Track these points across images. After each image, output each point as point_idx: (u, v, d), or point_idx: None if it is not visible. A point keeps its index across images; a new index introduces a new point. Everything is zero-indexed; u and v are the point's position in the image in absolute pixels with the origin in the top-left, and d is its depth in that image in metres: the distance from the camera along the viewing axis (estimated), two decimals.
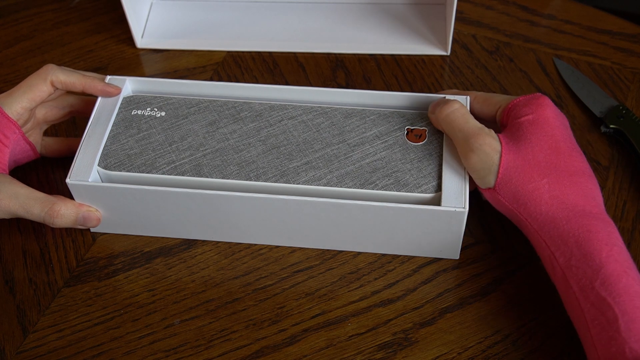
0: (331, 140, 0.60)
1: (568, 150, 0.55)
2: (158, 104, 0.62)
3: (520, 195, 0.53)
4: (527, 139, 0.54)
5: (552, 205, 0.52)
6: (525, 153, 0.54)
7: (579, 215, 0.52)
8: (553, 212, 0.52)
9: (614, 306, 0.47)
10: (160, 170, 0.58)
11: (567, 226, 0.51)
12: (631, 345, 0.46)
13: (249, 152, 0.59)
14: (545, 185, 0.53)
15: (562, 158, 0.54)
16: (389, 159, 0.58)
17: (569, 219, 0.52)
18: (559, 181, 0.53)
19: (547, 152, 0.54)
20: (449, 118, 0.56)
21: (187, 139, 0.60)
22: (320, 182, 0.57)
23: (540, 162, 0.53)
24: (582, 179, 0.54)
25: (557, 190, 0.53)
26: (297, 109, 0.62)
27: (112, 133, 0.60)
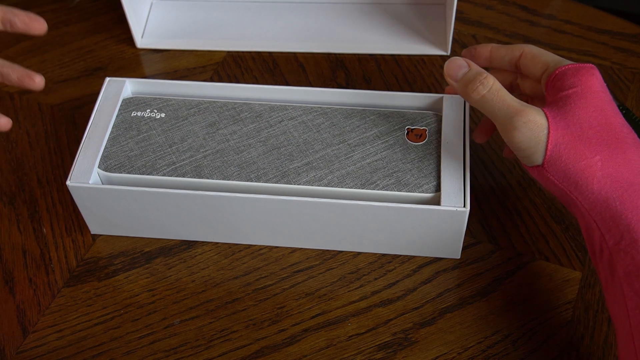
0: (332, 141, 0.60)
1: (619, 126, 0.51)
2: (158, 105, 0.62)
3: (571, 174, 0.50)
4: (576, 114, 0.51)
5: (605, 184, 0.49)
6: (575, 129, 0.50)
7: (633, 196, 0.48)
8: (606, 192, 0.49)
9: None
10: (160, 171, 0.58)
11: (620, 207, 0.48)
12: None
13: (250, 153, 0.59)
14: (597, 163, 0.49)
15: (614, 134, 0.50)
16: (389, 159, 0.58)
17: (623, 199, 0.48)
18: (611, 158, 0.49)
19: (597, 127, 0.50)
20: (485, 99, 0.52)
21: (187, 140, 0.60)
22: (321, 183, 0.57)
23: (591, 138, 0.50)
24: (635, 156, 0.50)
25: (611, 168, 0.49)
26: (297, 110, 0.62)
27: (112, 135, 0.60)
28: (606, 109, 0.51)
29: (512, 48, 0.57)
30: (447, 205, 0.55)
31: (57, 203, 0.65)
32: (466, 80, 0.54)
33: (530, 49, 0.56)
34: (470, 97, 0.53)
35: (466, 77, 0.54)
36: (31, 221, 0.64)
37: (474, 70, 0.54)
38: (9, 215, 0.64)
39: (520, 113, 0.51)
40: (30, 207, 0.65)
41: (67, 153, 0.69)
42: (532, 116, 0.50)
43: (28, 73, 0.56)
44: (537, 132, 0.50)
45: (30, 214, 0.65)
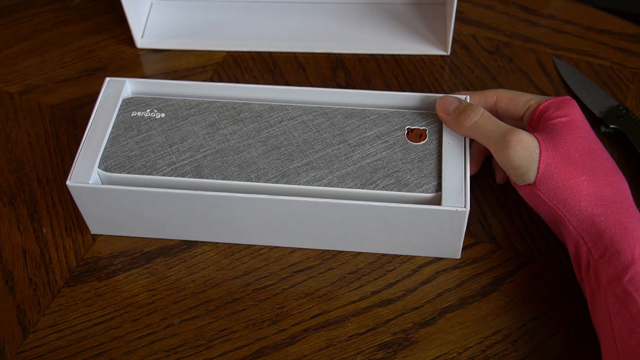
0: (331, 141, 0.60)
1: (600, 151, 0.56)
2: (158, 105, 0.62)
3: (560, 192, 0.54)
4: (563, 139, 0.55)
5: (591, 202, 0.53)
6: (562, 151, 0.54)
7: (615, 212, 0.52)
8: (592, 209, 0.53)
9: (639, 301, 0.48)
10: (160, 171, 0.58)
11: (604, 223, 0.52)
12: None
13: (250, 153, 0.59)
14: (584, 183, 0.53)
15: (596, 158, 0.55)
16: (389, 159, 0.58)
17: (607, 215, 0.52)
18: (595, 179, 0.54)
19: (582, 152, 0.55)
20: (478, 124, 0.56)
21: (187, 140, 0.60)
22: (321, 183, 0.57)
23: (577, 160, 0.54)
24: (615, 178, 0.55)
25: (595, 187, 0.53)
26: (297, 110, 0.62)
27: (112, 135, 0.60)
28: (588, 137, 0.56)
29: (485, 95, 0.61)
30: (447, 205, 0.55)
31: (57, 203, 0.65)
32: (458, 111, 0.58)
33: (504, 93, 0.60)
34: (463, 124, 0.57)
35: (458, 108, 0.58)
36: (31, 221, 0.64)
37: (465, 103, 0.58)
38: (9, 215, 0.64)
39: (513, 132, 0.54)
40: (30, 207, 0.65)
41: (67, 153, 0.69)
42: (525, 136, 0.54)
43: None
44: (530, 151, 0.54)
45: (30, 214, 0.65)
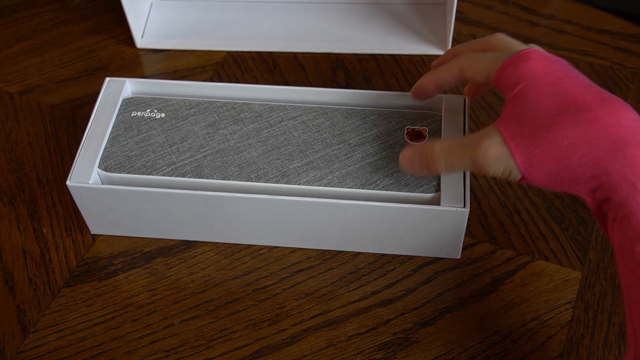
0: (332, 141, 0.60)
1: (579, 95, 0.47)
2: (158, 105, 0.62)
3: (551, 171, 0.47)
4: (529, 112, 0.48)
5: (586, 165, 0.46)
6: (531, 131, 0.47)
7: (616, 167, 0.44)
8: (590, 172, 0.46)
9: None
10: (160, 171, 0.58)
11: (608, 185, 0.45)
12: None
13: (250, 153, 0.59)
14: (569, 148, 0.46)
15: (574, 106, 0.47)
16: (389, 159, 0.58)
17: (609, 174, 0.45)
18: (582, 132, 0.46)
19: (555, 112, 0.47)
20: (448, 167, 0.52)
21: (187, 140, 0.60)
22: (321, 183, 0.57)
23: (552, 126, 0.47)
24: (604, 113, 0.46)
25: (584, 145, 0.46)
26: (297, 110, 0.62)
27: (112, 135, 0.60)
28: (556, 89, 0.48)
29: (449, 69, 0.55)
30: (447, 205, 0.55)
31: (57, 203, 0.65)
32: (425, 165, 0.53)
33: (466, 61, 0.54)
34: (439, 172, 0.53)
35: (422, 163, 0.53)
36: (31, 221, 0.64)
37: (419, 157, 0.53)
38: (9, 215, 0.64)
39: (476, 151, 0.49)
40: (30, 207, 0.65)
41: (67, 153, 0.69)
42: (487, 145, 0.49)
43: None
44: (501, 156, 0.48)
45: (30, 214, 0.65)
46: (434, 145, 0.52)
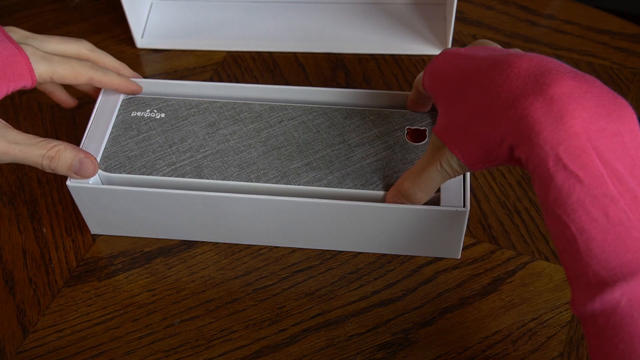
0: (331, 141, 0.60)
1: (475, 72, 0.47)
2: (157, 105, 0.62)
3: (480, 154, 0.47)
4: (445, 107, 0.49)
5: (493, 134, 0.45)
6: (453, 122, 0.48)
7: (523, 124, 0.43)
8: (499, 137, 0.44)
9: (570, 224, 0.41)
10: (160, 172, 0.58)
11: (513, 141, 0.43)
12: (594, 268, 0.40)
13: (250, 153, 0.59)
14: (476, 124, 0.46)
15: (473, 82, 0.47)
16: (389, 159, 0.58)
17: (517, 131, 0.43)
18: (480, 103, 0.46)
19: (461, 98, 0.48)
20: (417, 199, 0.54)
21: (187, 141, 0.60)
22: (321, 183, 0.57)
23: (462, 111, 0.47)
24: (495, 75, 0.45)
25: (484, 114, 0.45)
26: (297, 110, 0.62)
27: (112, 135, 0.60)
28: (459, 73, 0.49)
29: (414, 84, 0.58)
30: (447, 205, 0.55)
31: (57, 203, 0.65)
32: (409, 204, 0.55)
33: (415, 80, 0.58)
34: (422, 202, 0.54)
35: (406, 203, 0.55)
36: (31, 221, 0.64)
37: (399, 198, 0.55)
38: (9, 215, 0.65)
39: (434, 165, 0.50)
40: (30, 207, 0.65)
41: None
42: (436, 155, 0.50)
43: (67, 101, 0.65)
44: (448, 157, 0.49)
45: (30, 214, 0.65)
46: (403, 182, 0.54)
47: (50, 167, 0.55)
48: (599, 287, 0.39)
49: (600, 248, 0.40)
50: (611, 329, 0.39)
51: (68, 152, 0.55)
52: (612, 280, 0.39)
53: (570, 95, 0.42)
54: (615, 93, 0.44)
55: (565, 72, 0.44)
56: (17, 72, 0.55)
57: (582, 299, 0.40)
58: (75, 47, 0.61)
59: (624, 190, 0.40)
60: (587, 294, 0.40)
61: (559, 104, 0.42)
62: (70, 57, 0.60)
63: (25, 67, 0.56)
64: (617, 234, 0.39)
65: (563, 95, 0.42)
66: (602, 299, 0.39)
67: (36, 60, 0.56)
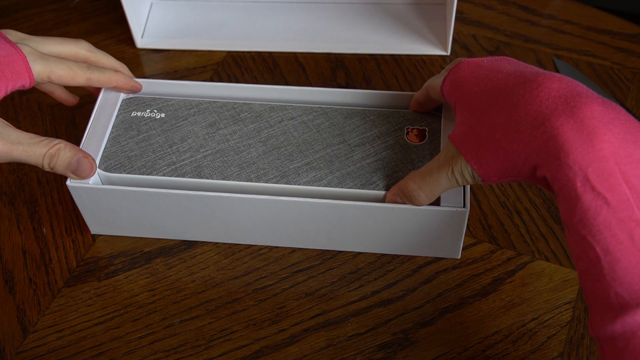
0: (332, 141, 0.60)
1: (501, 87, 0.48)
2: (157, 105, 0.62)
3: (500, 169, 0.47)
4: (468, 118, 0.49)
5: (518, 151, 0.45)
6: (476, 134, 0.48)
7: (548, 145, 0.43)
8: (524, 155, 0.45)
9: (595, 245, 0.41)
10: (160, 172, 0.58)
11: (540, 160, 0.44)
12: (616, 290, 0.40)
13: (250, 153, 0.59)
14: (501, 140, 0.46)
15: (501, 99, 0.47)
16: (389, 159, 0.58)
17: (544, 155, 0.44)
18: (508, 119, 0.46)
19: (488, 111, 0.48)
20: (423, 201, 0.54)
21: (187, 141, 0.60)
22: (321, 183, 0.57)
23: (487, 125, 0.48)
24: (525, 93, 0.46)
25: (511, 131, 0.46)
26: (297, 110, 0.62)
27: (112, 135, 0.60)
28: (484, 87, 0.49)
29: (423, 86, 0.59)
30: (447, 205, 0.55)
31: (57, 203, 0.65)
32: (409, 204, 0.55)
33: (430, 82, 0.57)
34: (422, 204, 0.54)
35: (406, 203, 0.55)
36: (31, 221, 0.64)
37: (400, 197, 0.55)
38: (9, 215, 0.65)
39: (443, 171, 0.51)
40: (30, 207, 0.65)
41: None
42: (449, 163, 0.50)
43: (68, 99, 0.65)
44: (462, 166, 0.49)
45: (30, 214, 0.65)
46: (408, 182, 0.54)
47: (50, 165, 0.55)
48: (620, 309, 0.39)
49: (624, 270, 0.40)
50: (630, 352, 0.39)
51: (67, 151, 0.55)
52: (635, 303, 0.39)
53: (600, 120, 0.43)
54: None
55: (594, 97, 0.45)
56: (15, 72, 0.55)
57: (602, 321, 0.40)
58: (73, 48, 0.61)
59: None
60: (608, 315, 0.40)
61: (589, 127, 0.42)
62: (68, 57, 0.60)
63: (23, 66, 0.55)
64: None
65: (594, 119, 0.43)
66: (623, 321, 0.39)
67: (33, 60, 0.56)
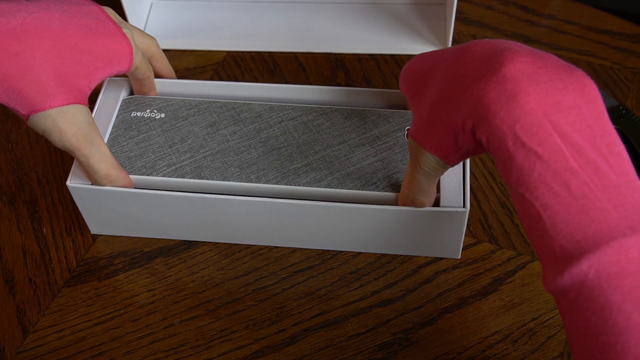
0: (332, 142, 0.60)
1: (435, 65, 0.48)
2: (157, 105, 0.62)
3: (451, 147, 0.46)
4: (415, 106, 0.50)
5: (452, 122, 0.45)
6: (421, 120, 0.48)
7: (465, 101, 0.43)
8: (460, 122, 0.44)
9: (534, 202, 0.40)
10: (160, 172, 0.58)
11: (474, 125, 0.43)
12: (560, 242, 0.39)
13: (250, 153, 0.59)
14: (440, 115, 0.46)
15: (433, 76, 0.48)
16: (389, 160, 0.58)
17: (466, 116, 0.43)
18: (440, 93, 0.46)
19: (424, 94, 0.48)
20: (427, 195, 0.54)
21: (187, 141, 0.60)
22: (321, 184, 0.57)
23: (424, 106, 0.48)
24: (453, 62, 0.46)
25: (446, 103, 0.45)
26: (297, 110, 0.62)
27: (112, 135, 0.60)
28: (413, 72, 0.50)
29: None
30: (446, 206, 0.55)
31: (57, 203, 0.65)
32: (418, 206, 0.55)
33: None
34: (426, 204, 0.54)
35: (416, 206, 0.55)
36: (31, 221, 0.64)
37: (405, 204, 0.55)
38: (9, 215, 0.65)
39: (416, 167, 0.50)
40: (30, 207, 0.65)
41: (67, 153, 0.69)
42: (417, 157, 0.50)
43: None
44: (425, 157, 0.49)
45: (30, 214, 0.65)
46: (403, 190, 0.54)
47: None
48: (566, 261, 0.39)
49: (565, 222, 0.39)
50: (582, 302, 0.38)
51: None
52: (578, 253, 0.38)
53: (523, 72, 0.42)
54: (572, 66, 0.43)
55: (519, 49, 0.44)
56: (121, 62, 0.57)
57: (551, 275, 0.40)
58: (149, 43, 0.62)
59: (585, 162, 0.40)
60: (556, 269, 0.39)
61: (512, 83, 0.41)
62: (143, 51, 0.61)
63: (128, 58, 0.57)
64: (580, 206, 0.39)
65: (516, 72, 0.42)
66: (570, 272, 0.39)
67: (135, 52, 0.58)
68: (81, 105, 0.54)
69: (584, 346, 0.39)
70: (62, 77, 0.53)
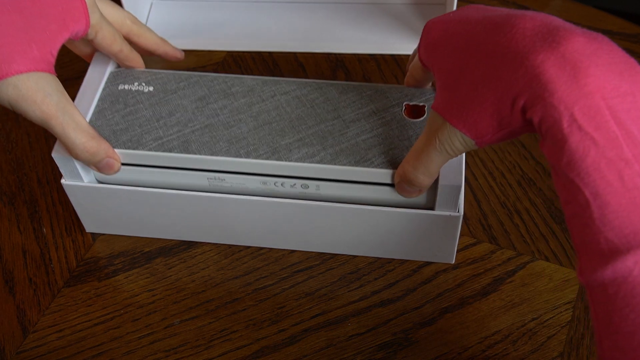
0: (326, 116, 0.57)
1: (473, 39, 0.45)
2: (146, 78, 0.60)
3: (492, 125, 0.45)
4: (446, 80, 0.47)
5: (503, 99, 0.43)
6: (457, 95, 0.46)
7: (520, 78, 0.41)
8: (510, 100, 0.42)
9: (584, 188, 0.39)
10: (146, 146, 0.56)
11: (526, 102, 0.41)
12: (606, 235, 0.38)
13: (240, 128, 0.57)
14: (484, 92, 0.44)
15: (474, 50, 0.45)
16: (385, 136, 0.56)
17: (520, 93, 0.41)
18: (486, 69, 0.44)
19: (464, 68, 0.45)
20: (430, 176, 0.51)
21: (176, 115, 0.58)
22: (313, 160, 0.55)
23: (465, 82, 0.45)
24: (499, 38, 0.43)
25: (491, 79, 0.43)
26: (290, 84, 0.60)
27: (98, 108, 0.58)
28: (456, 44, 0.46)
29: (412, 70, 0.56)
30: (440, 210, 0.54)
31: (57, 203, 0.65)
32: (416, 189, 0.53)
33: (410, 68, 0.56)
34: (427, 185, 0.52)
35: (412, 188, 0.53)
36: (31, 221, 0.64)
37: (404, 183, 0.53)
38: (9, 215, 0.65)
39: (432, 144, 0.48)
40: (30, 207, 0.65)
41: None
42: (435, 133, 0.48)
43: None
44: (450, 134, 0.47)
45: (30, 214, 0.65)
46: (404, 165, 0.52)
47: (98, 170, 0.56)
48: (611, 254, 0.37)
49: (614, 214, 0.38)
50: (622, 298, 0.37)
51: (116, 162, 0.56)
52: (625, 248, 0.37)
53: (582, 52, 0.40)
54: (624, 51, 0.42)
55: (574, 28, 0.42)
56: (75, 17, 0.53)
57: (591, 267, 0.38)
58: (121, 16, 0.60)
59: (638, 153, 0.38)
60: (598, 261, 0.38)
61: (572, 61, 0.40)
62: (114, 24, 0.59)
63: (83, 12, 0.54)
64: (631, 199, 0.38)
65: (575, 52, 0.40)
66: (614, 267, 0.37)
67: (92, 11, 0.55)
68: (46, 73, 0.52)
69: (615, 344, 0.38)
70: (17, 44, 0.50)
